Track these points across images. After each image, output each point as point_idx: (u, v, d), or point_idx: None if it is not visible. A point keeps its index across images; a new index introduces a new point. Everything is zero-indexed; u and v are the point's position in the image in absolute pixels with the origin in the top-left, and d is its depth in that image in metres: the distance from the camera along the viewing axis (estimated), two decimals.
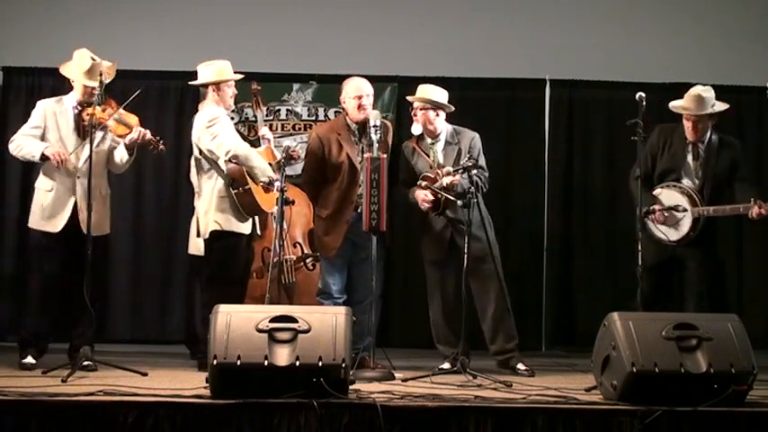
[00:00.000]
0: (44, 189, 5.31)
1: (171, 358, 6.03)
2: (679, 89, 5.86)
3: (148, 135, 5.33)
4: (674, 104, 5.50)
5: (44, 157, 5.21)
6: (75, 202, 5.25)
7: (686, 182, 5.45)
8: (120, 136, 5.36)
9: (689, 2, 7.48)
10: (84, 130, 5.29)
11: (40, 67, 7.00)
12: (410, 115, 5.68)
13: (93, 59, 5.29)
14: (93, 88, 5.25)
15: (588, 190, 7.24)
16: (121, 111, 5.31)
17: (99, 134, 5.29)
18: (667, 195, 5.41)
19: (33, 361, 5.13)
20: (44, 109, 5.37)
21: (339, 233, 5.46)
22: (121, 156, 5.38)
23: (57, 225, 5.25)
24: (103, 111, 5.25)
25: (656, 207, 5.33)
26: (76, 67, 5.34)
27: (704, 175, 5.40)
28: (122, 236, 7.03)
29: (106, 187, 5.45)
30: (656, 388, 3.92)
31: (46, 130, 5.31)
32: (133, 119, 5.43)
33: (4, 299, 7.02)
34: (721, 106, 5.44)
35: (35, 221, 5.32)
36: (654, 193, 5.41)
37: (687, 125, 5.41)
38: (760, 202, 5.18)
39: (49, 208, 5.27)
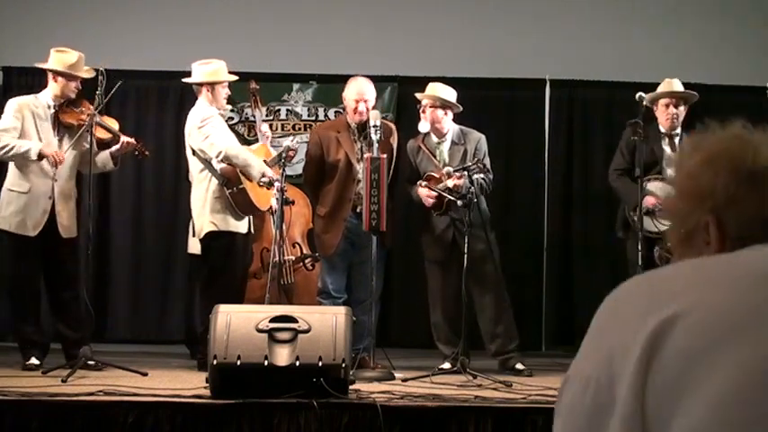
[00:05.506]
0: (19, 190, 5.12)
1: (171, 358, 6.02)
2: None
3: (132, 142, 5.28)
4: (649, 95, 5.54)
5: (41, 157, 5.04)
6: (53, 206, 5.12)
7: (669, 172, 5.51)
8: (99, 139, 5.24)
9: (689, 2, 7.47)
10: (61, 130, 5.22)
11: (39, 67, 6.99)
12: (410, 115, 5.68)
13: (80, 55, 5.25)
14: (76, 84, 5.22)
15: (588, 190, 7.23)
16: (98, 114, 5.16)
17: (74, 136, 5.21)
18: (658, 187, 5.49)
19: (38, 362, 5.08)
20: (21, 106, 5.15)
21: (337, 231, 5.46)
22: (105, 163, 5.33)
23: (34, 230, 5.09)
24: (80, 113, 5.18)
25: (652, 199, 5.42)
26: (59, 61, 5.23)
27: None
28: (122, 236, 7.04)
29: (75, 190, 5.33)
30: None
31: (24, 131, 5.12)
32: (114, 123, 5.37)
33: (4, 298, 7.02)
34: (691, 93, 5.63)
35: (7, 223, 5.13)
36: (649, 186, 5.47)
37: (663, 112, 5.55)
38: None
39: (23, 211, 5.10)
